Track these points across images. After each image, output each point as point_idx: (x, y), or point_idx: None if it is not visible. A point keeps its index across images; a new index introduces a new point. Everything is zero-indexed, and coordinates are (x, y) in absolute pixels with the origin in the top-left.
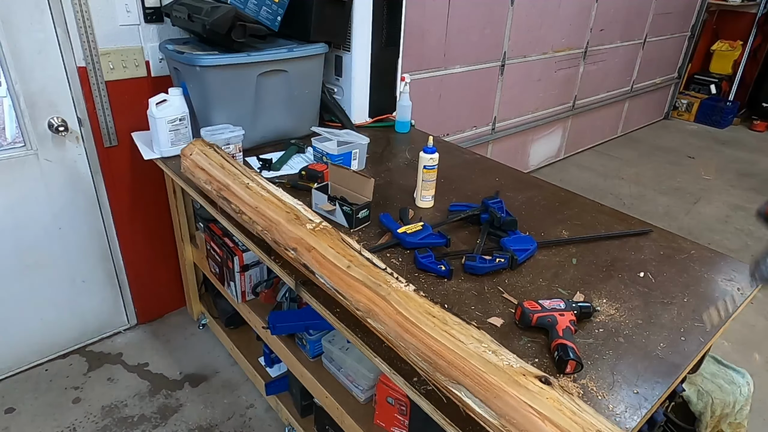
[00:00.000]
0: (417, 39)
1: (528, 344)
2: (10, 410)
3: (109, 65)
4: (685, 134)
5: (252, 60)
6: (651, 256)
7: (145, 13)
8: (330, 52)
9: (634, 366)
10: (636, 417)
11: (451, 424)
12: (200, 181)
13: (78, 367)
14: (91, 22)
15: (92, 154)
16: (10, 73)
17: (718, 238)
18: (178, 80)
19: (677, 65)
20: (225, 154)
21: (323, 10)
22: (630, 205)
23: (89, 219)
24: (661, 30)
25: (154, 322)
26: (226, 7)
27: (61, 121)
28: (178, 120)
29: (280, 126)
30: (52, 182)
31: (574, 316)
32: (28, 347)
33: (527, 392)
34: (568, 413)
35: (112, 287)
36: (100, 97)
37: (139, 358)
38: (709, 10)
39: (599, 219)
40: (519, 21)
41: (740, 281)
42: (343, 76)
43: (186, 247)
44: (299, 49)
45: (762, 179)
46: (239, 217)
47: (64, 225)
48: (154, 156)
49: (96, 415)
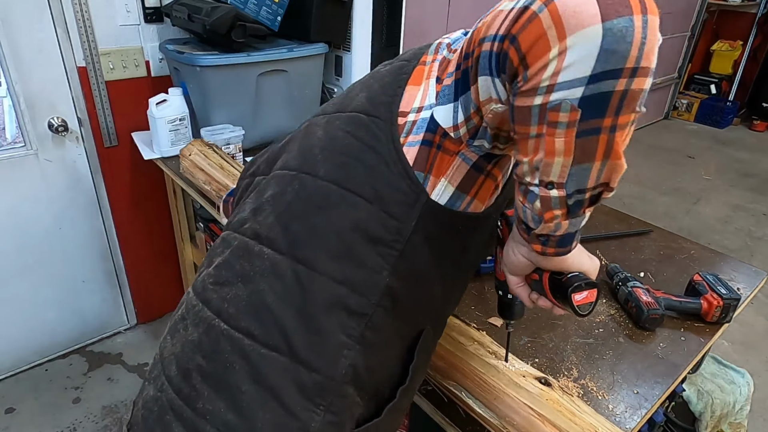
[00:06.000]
0: (417, 39)
1: (528, 344)
2: (10, 410)
3: (109, 65)
4: (685, 134)
5: (252, 60)
6: (651, 256)
7: (145, 13)
8: (330, 52)
9: (634, 366)
10: (636, 417)
11: (451, 424)
12: (199, 182)
13: (78, 367)
14: (91, 22)
15: (92, 154)
16: (10, 73)
17: (718, 238)
18: (178, 80)
19: (677, 65)
20: (224, 154)
21: (323, 10)
22: (630, 205)
23: (89, 219)
24: (661, 30)
25: (154, 322)
26: (226, 7)
27: (61, 121)
28: (178, 120)
29: (280, 126)
30: (52, 182)
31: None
32: (28, 347)
33: (527, 394)
34: (567, 414)
35: (112, 287)
36: (100, 97)
37: (139, 358)
38: (709, 10)
39: (599, 219)
40: None
41: (740, 281)
42: (343, 76)
43: (186, 247)
44: (299, 49)
45: (762, 179)
46: None
47: (64, 225)
48: (154, 156)
49: (96, 415)
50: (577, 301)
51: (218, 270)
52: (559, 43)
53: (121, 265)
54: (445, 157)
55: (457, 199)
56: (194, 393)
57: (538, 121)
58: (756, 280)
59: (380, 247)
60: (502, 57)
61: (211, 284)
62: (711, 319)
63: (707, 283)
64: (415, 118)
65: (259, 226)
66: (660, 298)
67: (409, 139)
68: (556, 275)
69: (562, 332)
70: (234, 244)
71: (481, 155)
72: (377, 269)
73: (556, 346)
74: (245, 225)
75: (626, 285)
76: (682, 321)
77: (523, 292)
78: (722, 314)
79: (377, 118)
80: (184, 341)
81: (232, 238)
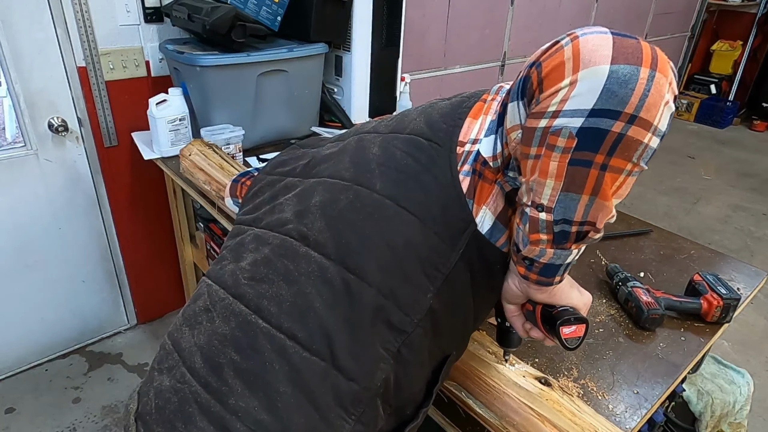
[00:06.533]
0: (417, 39)
1: (528, 344)
2: (10, 410)
3: (109, 65)
4: (685, 134)
5: (252, 60)
6: (651, 256)
7: (145, 13)
8: (330, 52)
9: (634, 366)
10: (636, 417)
11: (451, 424)
12: (199, 182)
13: (78, 367)
14: (91, 22)
15: (92, 154)
16: (10, 73)
17: (718, 238)
18: (178, 80)
19: (677, 65)
20: (224, 154)
21: (323, 10)
22: (630, 205)
23: (89, 219)
24: (661, 30)
25: (154, 322)
26: (226, 7)
27: (61, 121)
28: (178, 120)
29: (280, 126)
30: (52, 182)
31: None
32: (28, 347)
33: (527, 394)
34: (568, 414)
35: (112, 287)
36: (100, 97)
37: (139, 358)
38: (709, 10)
39: None
40: (519, 21)
41: (740, 281)
42: (343, 76)
43: (186, 247)
44: (299, 49)
45: (762, 179)
46: None
47: (64, 225)
48: (154, 156)
49: (96, 415)
50: (565, 335)
51: (255, 266)
52: (572, 74)
53: (121, 265)
54: (485, 185)
55: (496, 230)
56: (225, 388)
57: (539, 143)
58: (756, 280)
59: (428, 269)
60: (525, 80)
61: (246, 279)
62: (711, 319)
63: (707, 283)
64: (471, 149)
65: (306, 228)
66: (660, 298)
67: (463, 168)
68: (548, 308)
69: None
70: (274, 242)
71: (514, 188)
72: (423, 289)
73: (556, 346)
74: (288, 225)
75: (626, 285)
76: (682, 321)
77: (517, 321)
78: (722, 314)
79: (436, 144)
80: (211, 333)
81: (271, 237)
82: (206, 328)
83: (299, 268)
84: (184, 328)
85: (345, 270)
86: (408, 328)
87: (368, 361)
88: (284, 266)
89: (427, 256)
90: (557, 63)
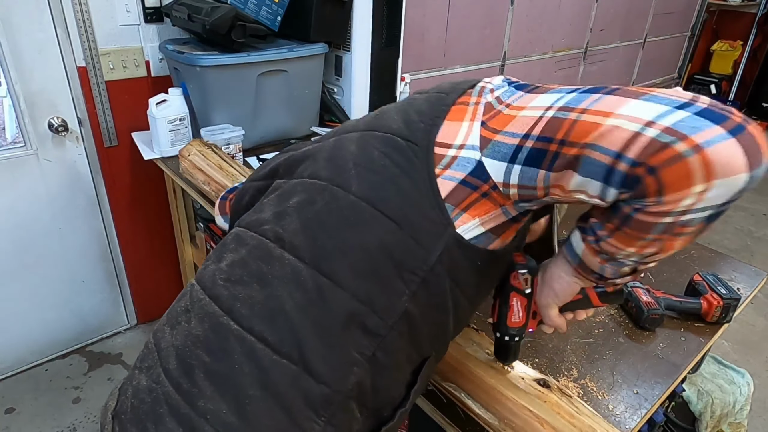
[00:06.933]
0: (417, 39)
1: (528, 344)
2: (10, 410)
3: (109, 65)
4: None
5: (252, 60)
6: None
7: (145, 13)
8: (330, 52)
9: (634, 366)
10: (636, 417)
11: (451, 425)
12: (198, 182)
13: (78, 367)
14: (91, 22)
15: (92, 154)
16: (10, 73)
17: (718, 238)
18: (178, 80)
19: (677, 65)
20: (223, 154)
21: (323, 10)
22: None
23: (89, 219)
24: (661, 30)
25: (154, 322)
26: (226, 7)
27: (61, 121)
28: (178, 120)
29: (280, 126)
30: (52, 182)
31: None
32: (28, 347)
33: (526, 396)
34: (566, 416)
35: (112, 287)
36: (100, 97)
37: None
38: (709, 10)
39: None
40: (519, 21)
41: (740, 281)
42: (343, 76)
43: (186, 247)
44: (299, 49)
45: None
46: None
47: (63, 225)
48: (154, 156)
49: (96, 415)
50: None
51: (231, 267)
52: (705, 182)
53: (121, 265)
54: (488, 204)
55: (484, 238)
56: (195, 390)
57: (661, 232)
58: (756, 280)
59: (404, 272)
60: (632, 179)
61: (222, 280)
62: (711, 319)
63: (707, 283)
64: (456, 154)
65: (282, 230)
66: (660, 298)
67: (446, 172)
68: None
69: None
70: (251, 243)
71: (521, 212)
72: (398, 293)
73: (556, 346)
74: (265, 226)
75: (626, 285)
76: (682, 321)
77: (561, 321)
78: (722, 314)
79: (414, 144)
80: (186, 334)
81: (249, 237)
82: (183, 329)
83: (273, 270)
84: (166, 327)
85: (319, 274)
86: (382, 331)
87: (340, 364)
88: (258, 268)
89: (402, 260)
90: (684, 173)
